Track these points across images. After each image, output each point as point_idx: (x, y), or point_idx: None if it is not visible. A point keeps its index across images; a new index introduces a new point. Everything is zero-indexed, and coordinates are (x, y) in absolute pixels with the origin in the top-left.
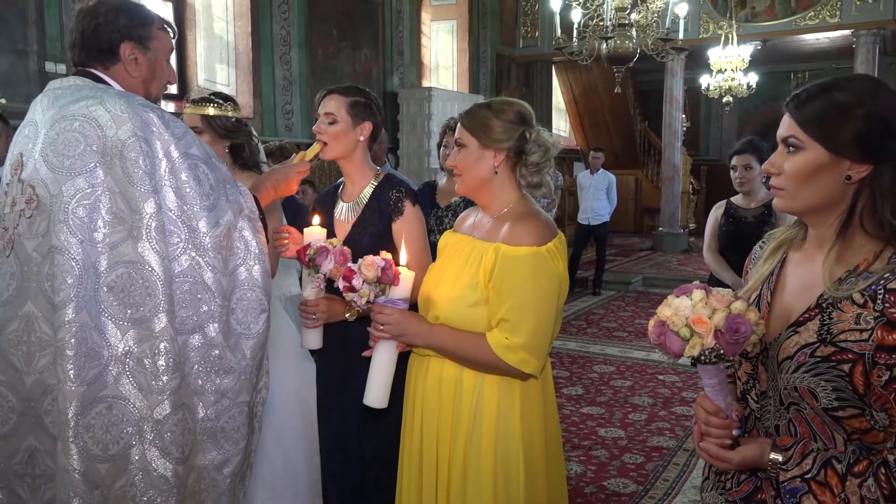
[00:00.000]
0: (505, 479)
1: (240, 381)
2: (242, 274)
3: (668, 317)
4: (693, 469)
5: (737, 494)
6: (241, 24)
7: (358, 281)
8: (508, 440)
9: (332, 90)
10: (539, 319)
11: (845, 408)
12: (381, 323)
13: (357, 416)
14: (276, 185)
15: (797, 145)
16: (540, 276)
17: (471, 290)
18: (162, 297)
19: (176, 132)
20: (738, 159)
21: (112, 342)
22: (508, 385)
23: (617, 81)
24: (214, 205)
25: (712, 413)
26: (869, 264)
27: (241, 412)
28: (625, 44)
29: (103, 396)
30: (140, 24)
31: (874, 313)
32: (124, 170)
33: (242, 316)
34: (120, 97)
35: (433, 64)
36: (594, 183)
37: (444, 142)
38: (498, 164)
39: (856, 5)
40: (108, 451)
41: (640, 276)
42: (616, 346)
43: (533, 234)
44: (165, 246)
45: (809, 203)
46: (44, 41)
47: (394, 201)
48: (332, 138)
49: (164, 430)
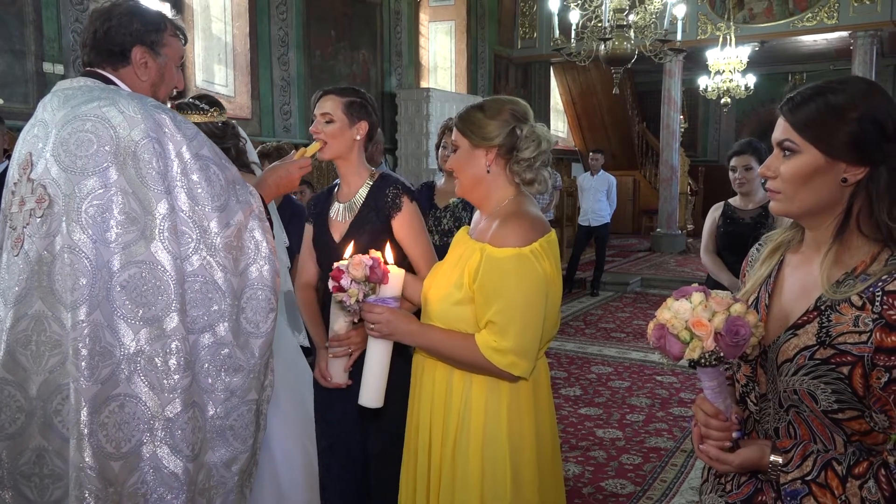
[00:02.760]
0: (492, 483)
1: (248, 379)
2: (253, 273)
3: (667, 320)
4: (691, 470)
5: (737, 496)
6: (239, 25)
7: (346, 280)
8: (496, 443)
9: (329, 91)
10: (526, 322)
11: (845, 410)
12: (371, 322)
13: (359, 414)
14: (279, 182)
15: (793, 149)
16: (524, 277)
17: (456, 289)
18: (174, 296)
19: (188, 133)
20: (738, 160)
21: (124, 341)
22: (496, 387)
23: (615, 82)
24: (225, 205)
25: (712, 415)
26: (866, 266)
27: (249, 410)
28: (623, 45)
29: (116, 395)
30: (153, 29)
31: (872, 315)
32: (137, 170)
33: (252, 315)
34: (132, 98)
35: (431, 65)
36: (594, 185)
37: (443, 143)
38: (490, 163)
39: (853, 7)
40: (120, 450)
41: (638, 278)
42: (614, 347)
43: (517, 235)
44: (178, 246)
45: (806, 206)
46: (41, 42)
47: (391, 198)
48: (328, 137)
49: (174, 428)
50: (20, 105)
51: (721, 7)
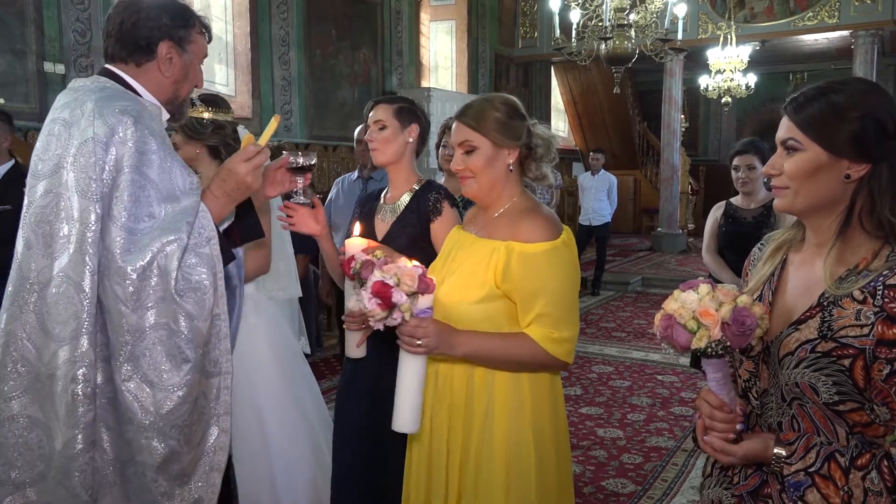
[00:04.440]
0: (517, 479)
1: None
2: (151, 318)
3: (675, 310)
4: (691, 469)
5: (744, 488)
6: (239, 25)
7: (399, 295)
8: (520, 437)
9: (379, 101)
10: (573, 309)
11: (846, 402)
12: (419, 337)
13: (371, 414)
14: (230, 195)
15: (796, 146)
16: (562, 268)
17: (477, 289)
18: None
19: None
20: (741, 159)
21: (43, 358)
22: (517, 382)
23: (616, 82)
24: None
25: (717, 407)
26: (868, 263)
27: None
28: (624, 44)
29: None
30: (182, 24)
31: (874, 308)
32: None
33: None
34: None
35: (432, 64)
36: (595, 184)
37: (444, 142)
38: (512, 162)
39: (854, 6)
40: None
41: (638, 277)
42: (615, 347)
43: (546, 229)
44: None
45: (811, 202)
46: (42, 41)
47: (433, 202)
48: (383, 143)
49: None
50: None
51: (722, 6)
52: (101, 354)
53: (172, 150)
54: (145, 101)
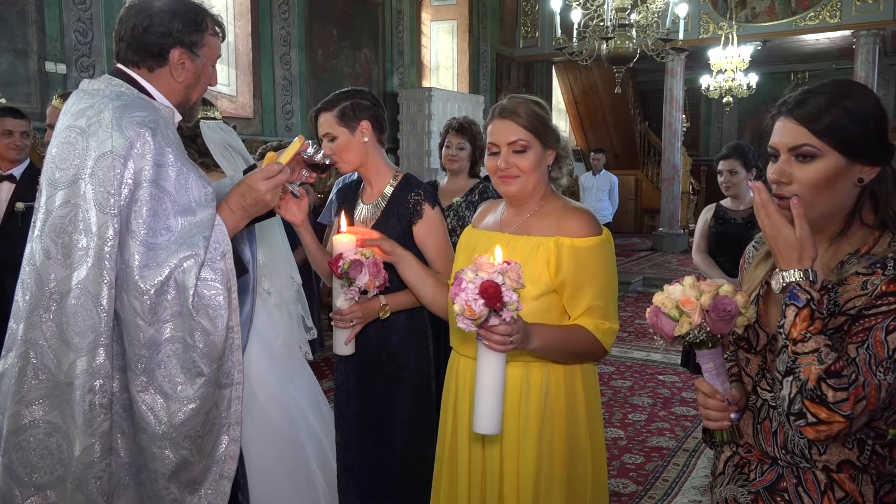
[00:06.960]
0: (572, 463)
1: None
2: (166, 331)
3: (661, 301)
4: (693, 469)
5: (760, 484)
6: (241, 25)
7: (509, 294)
8: (576, 425)
9: (318, 109)
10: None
11: None
12: (511, 334)
13: (370, 410)
14: (247, 210)
15: (813, 153)
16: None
17: (532, 285)
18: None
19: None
20: (724, 164)
21: (62, 367)
22: (571, 372)
23: (617, 82)
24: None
25: (709, 395)
26: (870, 248)
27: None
28: (625, 44)
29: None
30: (194, 30)
31: (883, 277)
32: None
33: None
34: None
35: (433, 64)
36: (596, 184)
37: (447, 142)
38: (551, 163)
39: (856, 6)
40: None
41: (640, 277)
42: (616, 347)
43: (593, 225)
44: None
45: (824, 210)
46: (44, 41)
47: (412, 204)
48: (339, 153)
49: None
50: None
51: (723, 6)
52: (117, 364)
53: (188, 159)
54: (159, 105)
